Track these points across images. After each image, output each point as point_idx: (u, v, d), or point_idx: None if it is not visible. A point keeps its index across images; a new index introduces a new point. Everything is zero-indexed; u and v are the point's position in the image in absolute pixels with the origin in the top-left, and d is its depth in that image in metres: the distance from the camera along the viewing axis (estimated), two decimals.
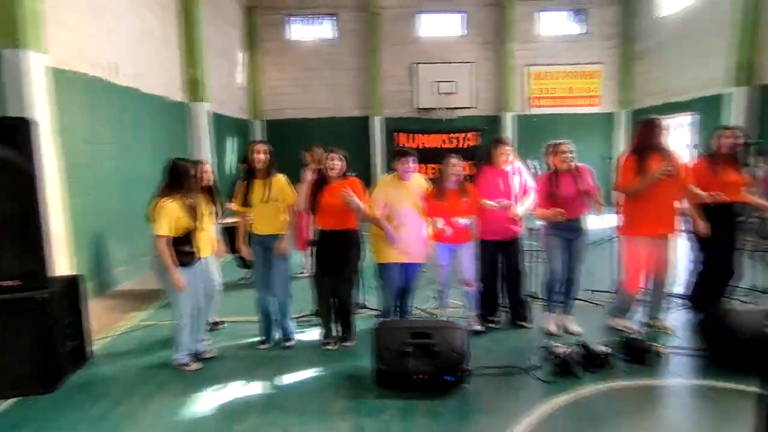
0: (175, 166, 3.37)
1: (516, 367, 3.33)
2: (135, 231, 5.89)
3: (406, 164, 3.74)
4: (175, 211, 3.27)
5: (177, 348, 3.49)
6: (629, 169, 3.71)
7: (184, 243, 3.34)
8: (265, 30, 12.30)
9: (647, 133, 3.74)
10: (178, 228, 3.31)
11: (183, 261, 3.33)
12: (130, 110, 6.46)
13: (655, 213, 3.69)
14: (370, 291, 4.54)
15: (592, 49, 12.53)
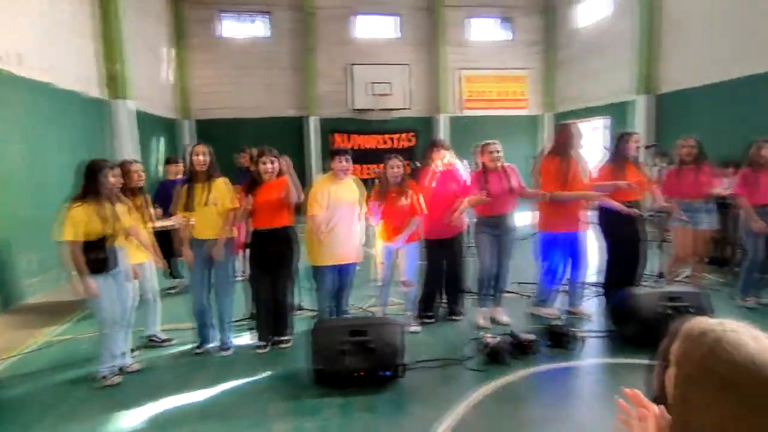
0: (87, 168, 3.16)
1: (450, 359, 3.48)
2: (47, 239, 5.39)
3: (342, 162, 3.77)
4: (82, 216, 3.06)
5: (100, 360, 3.27)
6: (549, 172, 4.02)
7: (96, 249, 3.13)
8: (194, 25, 11.76)
9: (564, 138, 4.08)
10: (88, 233, 3.10)
11: (95, 268, 3.12)
12: (41, 106, 5.93)
13: (566, 212, 4.05)
14: (306, 292, 4.53)
15: (518, 55, 13.26)
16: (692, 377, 0.80)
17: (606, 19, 10.71)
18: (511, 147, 4.76)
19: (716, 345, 0.77)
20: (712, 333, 0.79)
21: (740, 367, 0.74)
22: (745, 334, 0.78)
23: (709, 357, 0.77)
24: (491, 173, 4.07)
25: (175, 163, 5.75)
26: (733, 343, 0.76)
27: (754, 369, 0.73)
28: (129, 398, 3.06)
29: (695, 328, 0.83)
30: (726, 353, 0.75)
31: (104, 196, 3.17)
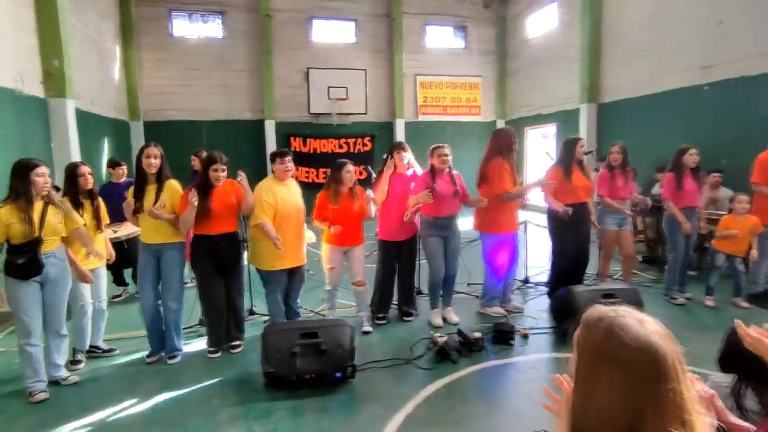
0: (13, 168, 3.03)
1: (400, 359, 3.57)
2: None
3: (285, 164, 3.78)
4: (5, 217, 2.93)
5: (24, 375, 3.11)
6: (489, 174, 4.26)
7: (19, 253, 2.99)
8: (143, 24, 11.35)
9: (501, 141, 4.30)
10: (11, 236, 2.97)
11: (15, 273, 2.99)
12: None
13: (507, 214, 4.27)
14: (258, 297, 4.50)
15: (472, 63, 13.68)
16: (592, 358, 0.92)
17: (553, 31, 11.26)
18: (466, 152, 4.97)
19: (610, 329, 0.90)
20: (606, 319, 0.93)
21: (628, 346, 0.88)
22: (632, 319, 0.92)
23: (604, 340, 0.90)
24: (439, 175, 4.21)
25: (119, 166, 5.54)
26: (623, 327, 0.90)
27: (638, 347, 0.87)
28: (66, 413, 2.93)
29: (593, 316, 0.96)
30: (618, 335, 0.89)
31: (32, 197, 3.02)
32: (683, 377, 0.88)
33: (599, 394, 0.90)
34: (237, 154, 10.93)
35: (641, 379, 0.86)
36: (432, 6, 13.18)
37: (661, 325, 0.93)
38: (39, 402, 3.05)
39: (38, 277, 3.07)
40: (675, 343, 0.91)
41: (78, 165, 3.64)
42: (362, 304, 4.27)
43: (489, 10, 13.48)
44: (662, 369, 0.86)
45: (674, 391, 0.85)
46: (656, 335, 0.90)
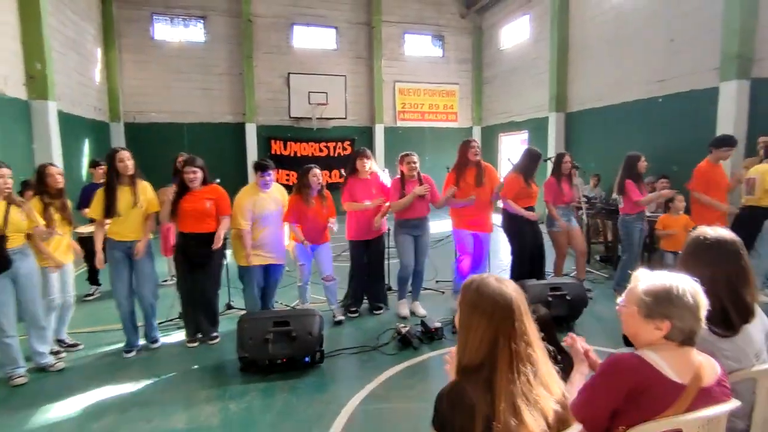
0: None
1: (367, 346, 3.89)
2: None
3: (266, 177, 4.09)
4: None
5: (2, 363, 3.30)
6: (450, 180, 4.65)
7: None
8: (124, 26, 11.47)
9: (464, 152, 4.68)
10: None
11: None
12: None
13: (471, 214, 4.64)
14: (236, 292, 4.76)
15: (449, 71, 14.15)
16: (465, 310, 1.28)
17: (525, 43, 11.79)
18: (443, 158, 5.31)
19: (476, 286, 1.27)
20: (475, 281, 1.29)
21: (488, 295, 1.27)
22: (492, 279, 1.28)
23: (474, 294, 1.27)
24: (408, 181, 4.56)
25: (99, 166, 5.66)
26: (486, 284, 1.27)
27: (495, 295, 1.27)
28: (50, 395, 3.16)
29: (466, 282, 1.32)
30: (482, 290, 1.27)
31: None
32: (526, 315, 1.28)
33: (471, 334, 1.25)
34: (218, 156, 11.17)
35: (498, 318, 1.25)
36: (411, 15, 13.60)
37: (515, 284, 1.29)
38: (19, 385, 3.26)
39: (8, 273, 3.23)
40: (522, 294, 1.27)
41: (46, 165, 3.81)
42: (332, 297, 4.57)
43: (466, 20, 13.98)
44: (511, 309, 1.25)
45: (520, 323, 1.26)
46: (509, 289, 1.26)
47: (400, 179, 4.57)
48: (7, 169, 3.27)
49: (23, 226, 3.36)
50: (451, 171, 4.73)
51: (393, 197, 4.55)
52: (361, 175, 4.63)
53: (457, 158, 4.76)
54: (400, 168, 4.61)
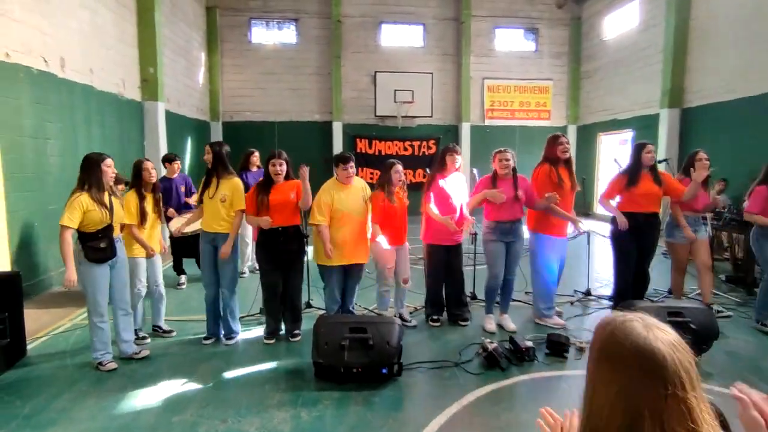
0: (84, 160, 3.37)
1: (448, 361, 3.57)
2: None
3: (347, 170, 3.93)
4: (82, 205, 3.24)
5: (92, 347, 3.47)
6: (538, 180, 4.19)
7: (98, 238, 3.31)
8: (226, 31, 12.24)
9: (551, 149, 4.16)
10: (89, 222, 3.28)
11: (93, 257, 3.31)
12: (81, 106, 6.34)
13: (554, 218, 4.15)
14: (315, 291, 4.70)
15: (542, 66, 13.23)
16: (595, 358, 0.94)
17: (633, 31, 10.60)
18: (533, 159, 4.82)
19: (613, 331, 0.92)
20: (612, 323, 0.94)
21: (627, 348, 0.89)
22: (639, 323, 0.91)
23: (607, 341, 0.92)
24: (501, 179, 4.16)
25: (173, 161, 5.84)
26: (627, 330, 0.91)
27: (637, 350, 0.88)
28: (138, 382, 3.27)
29: (603, 320, 0.97)
30: (619, 338, 0.91)
31: (101, 187, 3.35)
32: (691, 386, 0.85)
33: (601, 393, 0.90)
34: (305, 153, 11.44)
35: (639, 382, 0.86)
36: (502, 8, 12.93)
37: (675, 334, 0.91)
38: (110, 371, 3.43)
39: (110, 261, 3.42)
40: (687, 352, 0.88)
41: (142, 160, 3.99)
42: (402, 300, 4.40)
43: (562, 10, 12.96)
44: (662, 374, 0.85)
45: (677, 398, 0.84)
46: (662, 342, 0.88)
47: (492, 177, 4.19)
48: (112, 160, 3.45)
49: (122, 217, 3.56)
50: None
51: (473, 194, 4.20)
52: (449, 172, 4.32)
53: (543, 156, 4.27)
54: (493, 165, 4.23)
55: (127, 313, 3.65)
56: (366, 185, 4.16)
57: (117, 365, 3.49)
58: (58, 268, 5.74)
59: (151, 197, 3.96)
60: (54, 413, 2.87)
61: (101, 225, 3.33)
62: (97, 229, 3.32)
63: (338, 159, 3.99)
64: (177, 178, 5.76)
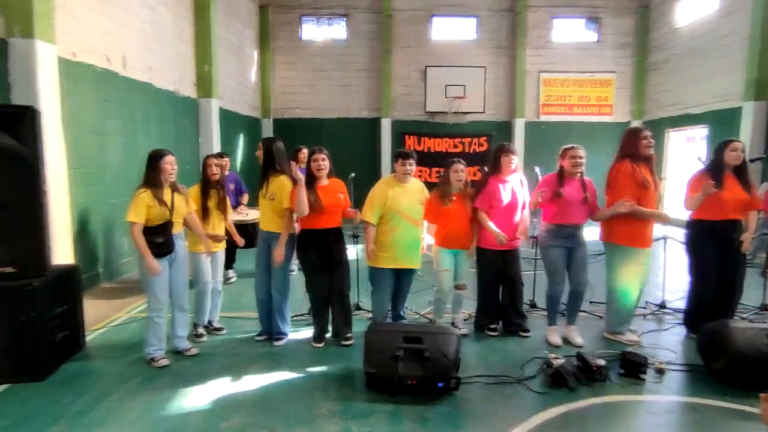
0: (149, 157, 3.41)
1: (509, 377, 3.28)
2: None
3: (406, 166, 3.70)
4: (145, 200, 3.29)
5: (146, 342, 3.48)
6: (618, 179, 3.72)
7: (156, 233, 3.34)
8: (278, 29, 12.36)
9: (633, 143, 3.71)
10: (151, 217, 3.32)
11: (154, 252, 3.33)
12: (140, 104, 6.52)
13: (637, 225, 3.69)
14: (365, 293, 4.52)
15: (604, 57, 12.42)
16: None
17: (711, 17, 9.67)
18: (592, 157, 4.42)
19: None
20: None
21: None
22: None
23: None
24: (569, 179, 3.80)
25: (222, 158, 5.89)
26: None
27: None
28: (187, 381, 3.21)
29: None
30: None
31: (162, 183, 3.38)
32: None
33: None
34: (353, 151, 11.42)
35: None
36: None
37: None
38: (162, 367, 3.40)
39: (169, 256, 3.43)
40: None
41: (208, 157, 4.00)
42: (458, 307, 4.13)
43: None
44: None
45: None
46: None
47: (558, 176, 3.83)
48: (172, 157, 3.45)
49: (184, 213, 3.54)
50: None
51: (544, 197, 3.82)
52: (505, 174, 4.00)
53: (621, 152, 3.82)
54: (561, 163, 3.86)
55: (182, 309, 3.63)
56: (424, 187, 3.92)
57: (169, 362, 3.47)
58: (117, 260, 5.92)
59: (215, 193, 3.94)
60: (103, 412, 2.85)
61: (161, 221, 3.36)
62: (156, 225, 3.35)
63: (399, 154, 3.79)
64: (228, 175, 5.77)
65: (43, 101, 4.36)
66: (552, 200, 3.77)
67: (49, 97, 4.49)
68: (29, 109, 3.34)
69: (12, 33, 4.28)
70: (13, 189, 3.19)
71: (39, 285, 3.22)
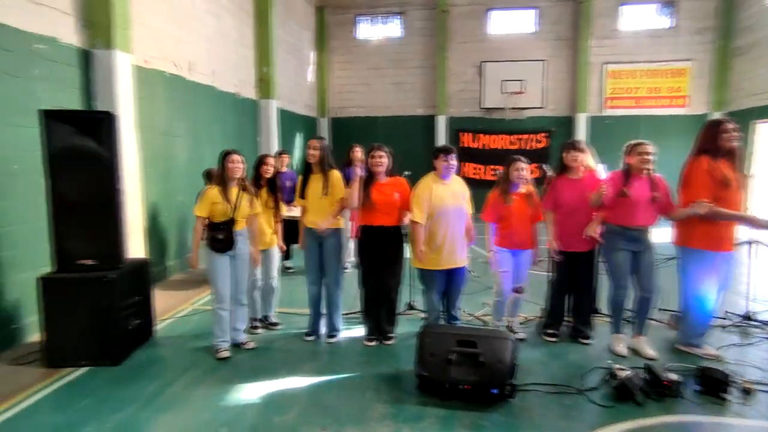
0: (219, 156, 3.61)
1: (569, 386, 3.10)
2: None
3: (447, 161, 3.59)
4: (210, 197, 3.50)
5: (213, 333, 3.65)
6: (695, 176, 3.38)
7: (218, 229, 3.52)
8: (334, 29, 12.55)
9: (712, 136, 3.37)
10: (216, 213, 3.51)
11: (215, 247, 3.53)
12: (204, 106, 6.86)
13: (719, 225, 3.34)
14: (417, 291, 4.46)
15: (679, 44, 11.47)
16: None
17: None
18: (669, 151, 4.09)
19: None
20: None
21: None
22: None
23: None
24: (637, 177, 3.53)
25: (282, 155, 6.00)
26: None
27: None
28: (244, 375, 3.33)
29: None
30: None
31: (226, 181, 3.54)
32: None
33: None
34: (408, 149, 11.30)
35: None
36: None
37: None
38: (222, 359, 3.55)
39: (230, 252, 3.57)
40: None
41: (265, 156, 4.10)
42: (515, 310, 3.98)
43: None
44: None
45: None
46: None
47: (624, 173, 3.56)
48: (239, 156, 3.60)
49: (247, 213, 3.67)
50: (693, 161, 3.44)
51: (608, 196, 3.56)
52: (572, 174, 3.78)
53: (697, 147, 3.47)
54: (627, 160, 3.58)
55: (241, 304, 3.77)
56: (465, 186, 3.80)
57: (230, 354, 3.61)
58: (185, 254, 6.27)
59: (266, 192, 4.05)
60: (170, 398, 3.02)
61: (224, 217, 3.52)
62: (219, 221, 3.51)
63: (439, 149, 3.69)
64: (286, 173, 5.92)
65: (120, 106, 4.69)
66: (616, 200, 3.51)
67: (125, 102, 4.82)
68: (108, 114, 3.60)
69: (95, 45, 4.63)
70: (94, 188, 3.46)
71: (115, 277, 3.47)
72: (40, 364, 3.43)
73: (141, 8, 5.31)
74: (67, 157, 3.37)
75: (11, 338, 3.79)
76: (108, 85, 4.71)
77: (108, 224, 3.54)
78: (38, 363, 3.45)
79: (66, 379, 3.26)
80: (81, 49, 4.53)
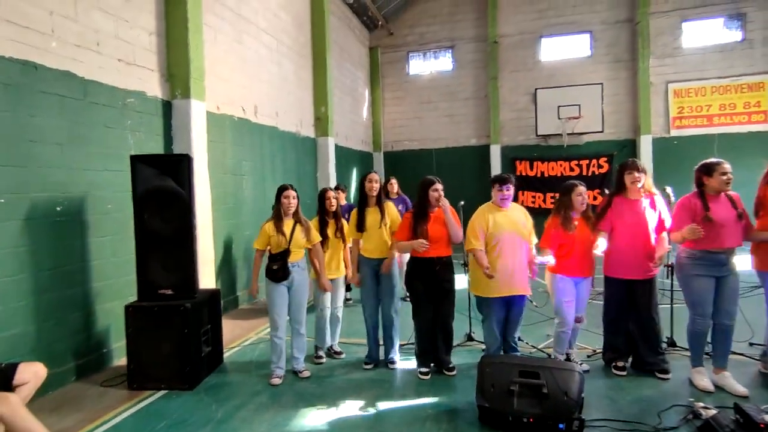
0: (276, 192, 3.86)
1: (644, 423, 2.89)
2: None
3: (503, 192, 3.60)
4: (266, 230, 3.76)
5: (270, 360, 3.81)
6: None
7: (275, 260, 3.74)
8: (387, 67, 13.06)
9: None
10: (272, 246, 3.75)
11: (271, 276, 3.74)
12: (268, 145, 7.34)
13: None
14: (477, 323, 4.38)
15: (754, 57, 10.78)
16: None
17: None
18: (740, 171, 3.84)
19: None
20: None
21: None
22: None
23: None
24: (714, 198, 3.33)
25: (339, 190, 6.19)
26: None
27: None
28: (308, 401, 3.42)
29: None
30: None
31: (281, 214, 3.76)
32: None
33: None
34: (462, 179, 11.38)
35: None
36: None
37: None
38: (275, 385, 3.68)
39: (286, 282, 3.75)
40: None
41: (326, 190, 4.27)
42: (573, 340, 3.86)
43: None
44: None
45: None
46: None
47: (699, 195, 3.37)
48: (293, 191, 3.82)
49: (303, 244, 3.85)
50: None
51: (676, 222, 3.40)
52: (630, 194, 3.64)
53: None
54: (705, 180, 3.37)
55: (299, 333, 3.90)
56: (528, 216, 3.77)
57: (280, 381, 3.74)
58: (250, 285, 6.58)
59: (333, 223, 4.21)
60: (239, 422, 3.15)
61: (279, 249, 3.73)
62: (276, 252, 3.74)
63: (495, 179, 3.70)
64: (343, 206, 6.14)
65: (195, 149, 5.17)
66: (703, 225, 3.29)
67: (199, 145, 5.30)
68: (186, 156, 3.98)
69: (174, 96, 5.18)
70: (174, 224, 3.80)
71: (190, 306, 3.74)
72: (124, 386, 3.73)
73: (213, 60, 5.88)
74: (151, 197, 3.75)
75: (102, 362, 4.16)
76: (185, 130, 5.21)
77: (184, 257, 3.85)
78: (123, 385, 3.74)
79: (146, 401, 3.51)
80: (163, 100, 5.08)
